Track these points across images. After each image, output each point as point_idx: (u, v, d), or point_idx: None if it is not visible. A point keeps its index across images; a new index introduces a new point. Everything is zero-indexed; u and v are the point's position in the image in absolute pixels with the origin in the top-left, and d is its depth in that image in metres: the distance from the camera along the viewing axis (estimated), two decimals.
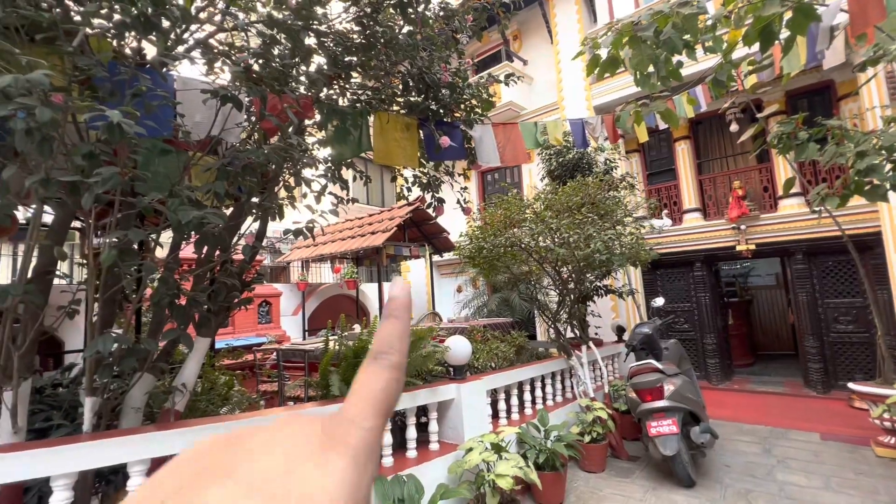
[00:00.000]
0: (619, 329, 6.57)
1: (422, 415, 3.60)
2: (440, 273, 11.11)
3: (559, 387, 5.05)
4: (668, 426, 3.64)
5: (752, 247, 7.04)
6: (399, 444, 3.40)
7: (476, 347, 4.76)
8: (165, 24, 2.04)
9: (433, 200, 4.10)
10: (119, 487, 2.46)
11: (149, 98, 1.89)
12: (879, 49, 2.76)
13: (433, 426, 3.50)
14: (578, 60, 7.99)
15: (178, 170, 2.31)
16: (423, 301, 11.20)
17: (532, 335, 8.29)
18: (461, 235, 5.39)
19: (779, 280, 9.96)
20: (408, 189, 4.22)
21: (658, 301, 5.03)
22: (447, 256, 9.92)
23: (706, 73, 2.82)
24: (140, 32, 1.94)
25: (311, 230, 2.70)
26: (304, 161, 2.77)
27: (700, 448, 3.84)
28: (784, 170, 7.04)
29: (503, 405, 4.21)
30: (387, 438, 3.14)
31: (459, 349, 3.73)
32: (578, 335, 5.47)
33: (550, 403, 4.83)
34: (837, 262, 6.56)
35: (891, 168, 2.82)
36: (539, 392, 4.70)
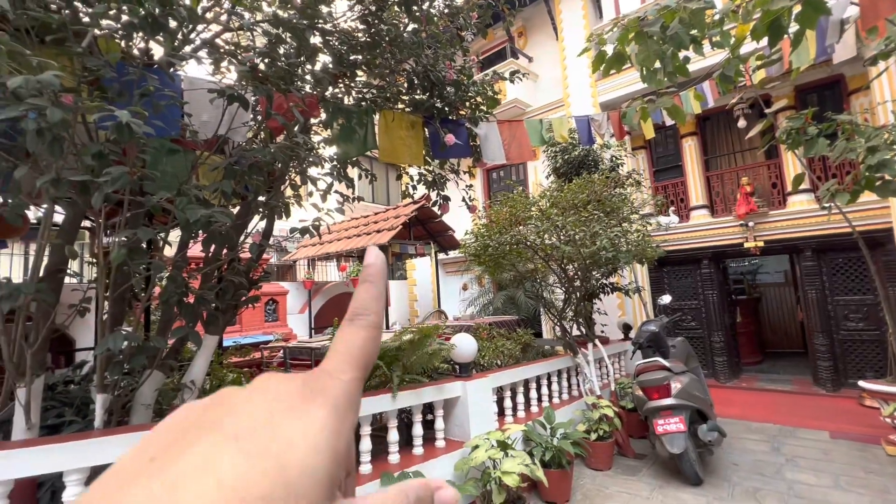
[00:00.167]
0: (626, 327, 6.54)
1: (428, 412, 3.61)
2: (446, 271, 11.12)
3: (565, 384, 5.04)
4: (676, 424, 3.62)
5: (761, 244, 6.97)
6: (406, 442, 3.41)
7: (482, 345, 4.76)
8: (172, 25, 2.06)
9: (438, 198, 4.10)
10: None
11: (157, 98, 1.91)
12: (891, 42, 2.72)
13: (439, 423, 3.51)
14: (584, 57, 7.92)
15: (186, 169, 2.33)
16: (429, 299, 11.22)
17: (538, 333, 8.28)
18: (467, 233, 5.39)
19: (788, 277, 9.86)
20: (413, 187, 4.22)
21: (665, 298, 5.00)
22: (453, 254, 9.93)
23: (713, 69, 2.79)
24: (147, 33, 1.96)
25: (318, 228, 2.72)
26: (310, 160, 2.78)
27: (708, 446, 3.82)
28: (793, 166, 6.95)
29: (509, 403, 4.21)
30: (393, 436, 3.16)
31: (465, 347, 3.73)
32: (584, 333, 5.45)
33: (556, 401, 4.82)
34: (848, 259, 6.48)
35: None
36: (545, 390, 4.69)
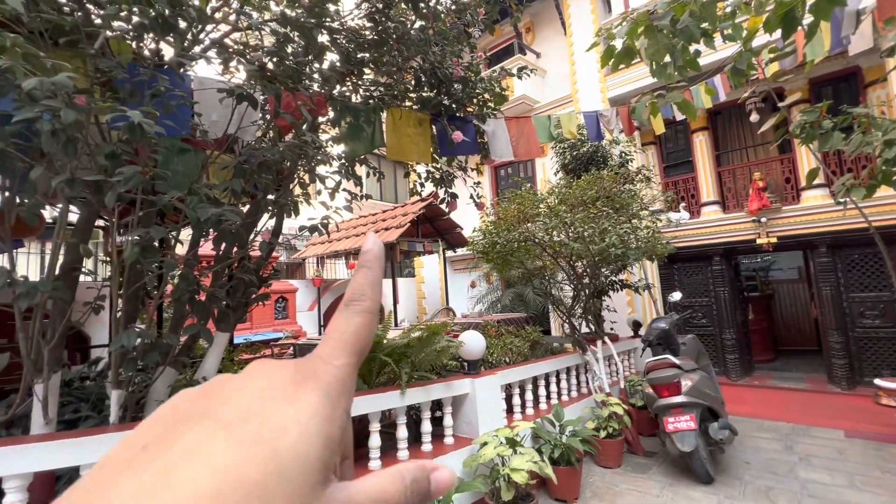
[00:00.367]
0: (636, 324, 6.49)
1: (437, 409, 3.63)
2: (454, 268, 11.12)
3: (574, 382, 5.02)
4: (686, 422, 3.59)
5: (774, 240, 6.86)
6: (415, 438, 3.43)
7: (490, 342, 4.76)
8: (182, 25, 2.08)
9: (446, 196, 4.10)
10: None
11: (167, 98, 1.93)
12: None
13: (448, 420, 3.52)
14: (593, 52, 7.85)
15: (197, 168, 2.36)
16: (437, 296, 11.23)
17: (546, 330, 8.25)
18: (474, 231, 5.38)
19: (801, 274, 9.70)
20: (421, 185, 4.23)
21: (675, 295, 4.96)
22: (460, 252, 9.92)
23: (725, 62, 2.75)
24: (158, 34, 1.98)
25: (326, 226, 2.73)
26: (319, 158, 2.79)
27: (719, 444, 3.78)
28: (807, 160, 6.83)
29: (518, 400, 4.21)
30: (403, 432, 3.18)
31: (473, 344, 3.73)
32: (594, 330, 5.42)
33: (565, 398, 4.81)
34: (863, 255, 6.35)
35: None
36: (554, 387, 4.68)
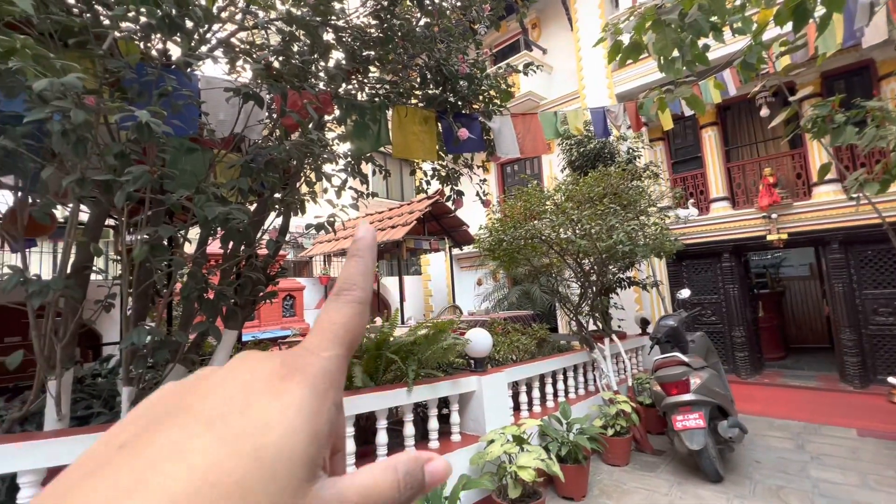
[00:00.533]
0: (644, 321, 6.45)
1: (443, 406, 3.63)
2: (460, 266, 11.12)
3: (581, 380, 5.00)
4: (695, 420, 3.56)
5: (785, 236, 6.77)
6: (422, 436, 3.44)
7: (497, 340, 4.76)
8: (189, 25, 2.09)
9: (452, 193, 4.09)
10: None
11: (175, 98, 1.94)
12: None
13: (455, 418, 3.53)
14: (600, 47, 7.78)
15: (204, 167, 2.38)
16: (444, 294, 11.24)
17: (553, 328, 8.22)
18: (481, 228, 5.37)
19: (813, 270, 9.56)
20: (427, 182, 4.22)
21: (684, 293, 4.92)
22: (467, 249, 9.92)
23: (734, 56, 2.71)
24: (165, 34, 1.99)
25: (333, 225, 2.74)
26: (325, 156, 2.80)
27: (728, 443, 3.75)
28: (819, 155, 6.72)
29: (525, 398, 4.20)
30: (409, 429, 3.19)
31: (480, 342, 3.73)
32: (601, 328, 5.40)
33: (573, 396, 4.79)
34: (877, 252, 6.25)
35: None
36: (561, 385, 4.67)
